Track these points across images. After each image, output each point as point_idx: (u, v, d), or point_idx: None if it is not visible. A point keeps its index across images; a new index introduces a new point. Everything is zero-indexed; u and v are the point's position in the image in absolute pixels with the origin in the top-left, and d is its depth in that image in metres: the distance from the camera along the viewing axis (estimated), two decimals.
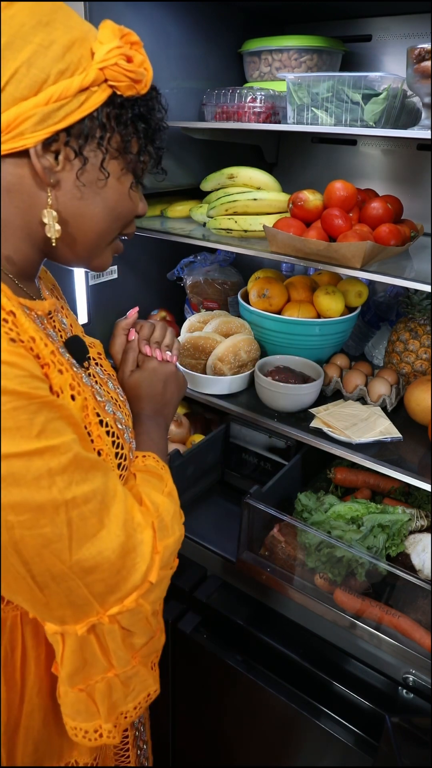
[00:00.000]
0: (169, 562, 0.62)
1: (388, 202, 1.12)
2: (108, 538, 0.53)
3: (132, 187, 0.64)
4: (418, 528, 1.13)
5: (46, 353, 0.57)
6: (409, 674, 1.00)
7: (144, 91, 0.60)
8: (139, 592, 0.56)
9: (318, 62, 1.30)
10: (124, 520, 0.55)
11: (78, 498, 0.51)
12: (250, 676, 1.12)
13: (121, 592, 0.55)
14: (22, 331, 0.54)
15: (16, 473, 0.47)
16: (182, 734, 1.34)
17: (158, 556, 0.58)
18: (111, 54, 0.55)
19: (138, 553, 0.56)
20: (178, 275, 1.58)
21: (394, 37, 1.37)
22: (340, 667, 1.09)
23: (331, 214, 1.06)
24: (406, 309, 1.26)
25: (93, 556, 0.52)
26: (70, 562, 0.51)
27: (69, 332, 0.71)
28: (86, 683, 0.58)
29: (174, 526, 0.63)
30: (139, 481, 0.67)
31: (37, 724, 0.66)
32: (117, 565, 0.54)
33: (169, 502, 0.65)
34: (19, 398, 0.47)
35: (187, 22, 1.29)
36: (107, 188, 0.61)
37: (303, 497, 1.18)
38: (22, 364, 0.49)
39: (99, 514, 0.53)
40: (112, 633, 0.56)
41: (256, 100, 1.18)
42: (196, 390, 1.27)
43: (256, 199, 1.22)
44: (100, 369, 0.75)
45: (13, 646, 0.63)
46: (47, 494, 0.49)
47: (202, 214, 1.32)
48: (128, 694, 0.61)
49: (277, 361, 1.26)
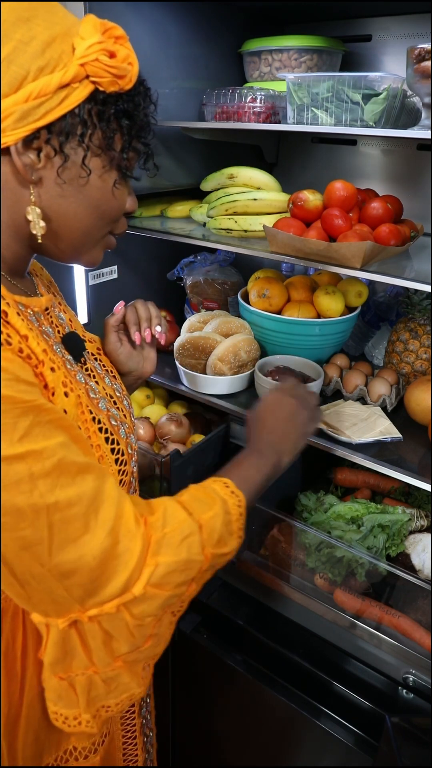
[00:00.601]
0: (168, 582, 0.57)
1: (388, 202, 1.12)
2: (91, 543, 0.52)
3: (117, 184, 0.62)
4: (418, 528, 1.13)
5: (38, 351, 0.57)
6: (409, 674, 1.00)
7: (128, 87, 0.58)
8: (121, 600, 0.55)
9: (318, 62, 1.30)
10: (111, 526, 0.54)
11: (61, 502, 0.50)
12: (250, 676, 1.12)
13: (99, 597, 0.54)
14: (13, 332, 0.55)
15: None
16: (182, 734, 1.34)
17: (148, 569, 0.56)
18: (92, 50, 0.54)
19: (120, 561, 0.54)
20: (178, 275, 1.58)
21: (394, 37, 1.37)
22: (340, 667, 1.09)
23: (331, 214, 1.06)
24: (406, 309, 1.26)
25: (73, 561, 0.51)
26: (49, 565, 0.51)
27: (67, 327, 0.71)
28: (67, 674, 0.59)
29: (178, 548, 0.58)
30: (185, 497, 0.64)
31: (37, 713, 0.67)
32: (96, 572, 0.53)
33: (188, 522, 0.60)
34: (3, 402, 0.48)
35: (187, 22, 1.29)
36: (89, 186, 0.60)
37: (303, 497, 1.18)
38: (9, 367, 0.50)
39: (85, 518, 0.52)
40: (93, 632, 0.56)
41: (256, 100, 1.18)
42: (196, 390, 1.27)
43: (256, 199, 1.22)
44: (99, 364, 0.75)
45: (15, 635, 0.63)
46: (27, 498, 0.48)
47: (202, 214, 1.32)
48: (109, 692, 0.61)
49: (277, 361, 1.26)
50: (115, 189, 0.62)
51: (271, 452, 0.77)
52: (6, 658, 0.63)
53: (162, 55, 1.26)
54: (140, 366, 0.90)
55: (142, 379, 0.92)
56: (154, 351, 0.92)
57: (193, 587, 0.62)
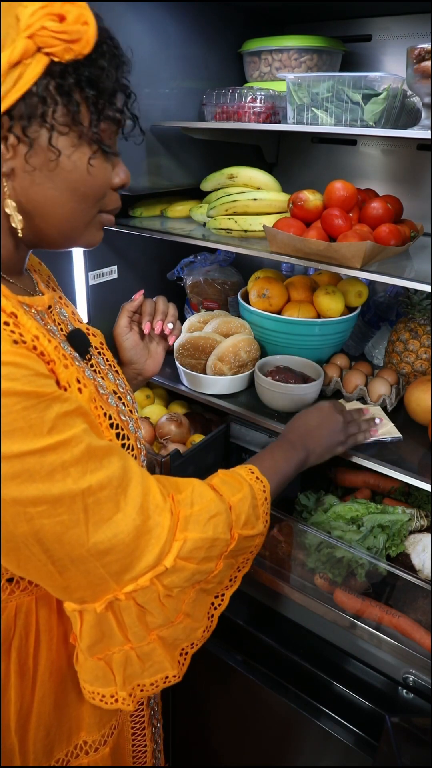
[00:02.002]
0: (194, 556, 0.61)
1: (388, 202, 1.12)
2: (123, 521, 0.55)
3: (91, 161, 0.56)
4: (418, 528, 1.13)
5: (50, 349, 0.57)
6: (409, 674, 1.00)
7: (86, 50, 0.51)
8: (154, 573, 0.58)
9: (318, 62, 1.30)
10: (140, 503, 0.56)
11: (93, 486, 0.52)
12: (250, 676, 1.12)
13: (135, 571, 0.57)
14: (25, 332, 0.54)
15: (30, 469, 0.48)
16: (182, 734, 1.34)
17: (177, 543, 0.59)
18: (35, 17, 0.47)
19: (153, 536, 0.57)
20: (178, 275, 1.58)
21: (394, 37, 1.37)
22: (340, 667, 1.09)
23: (331, 214, 1.06)
24: (406, 309, 1.26)
25: (109, 539, 0.54)
26: (87, 545, 0.53)
27: (70, 324, 0.71)
28: (104, 653, 0.61)
29: (205, 525, 0.62)
30: (216, 480, 0.69)
31: (48, 709, 0.67)
32: (131, 546, 0.56)
33: (216, 501, 0.64)
34: (28, 398, 0.48)
35: (187, 22, 1.29)
36: (61, 168, 0.55)
37: (303, 497, 1.18)
38: (27, 363, 0.50)
39: (115, 498, 0.54)
40: (128, 609, 0.59)
41: (256, 100, 1.18)
42: (196, 390, 1.27)
43: (256, 199, 1.22)
44: (102, 359, 0.75)
45: (27, 631, 0.64)
46: (62, 486, 0.50)
47: (202, 214, 1.32)
48: (145, 669, 0.63)
49: (277, 361, 1.26)
50: (91, 166, 0.57)
51: (302, 447, 0.83)
52: (19, 654, 0.64)
53: (162, 55, 1.26)
54: (142, 360, 0.91)
55: (143, 376, 0.92)
56: (161, 350, 0.93)
57: (221, 566, 0.65)
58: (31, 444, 0.48)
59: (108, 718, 0.74)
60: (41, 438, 0.49)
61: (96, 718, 0.72)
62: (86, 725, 0.72)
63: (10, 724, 0.65)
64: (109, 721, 0.74)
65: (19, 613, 0.63)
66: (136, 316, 0.91)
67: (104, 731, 0.74)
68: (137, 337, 0.90)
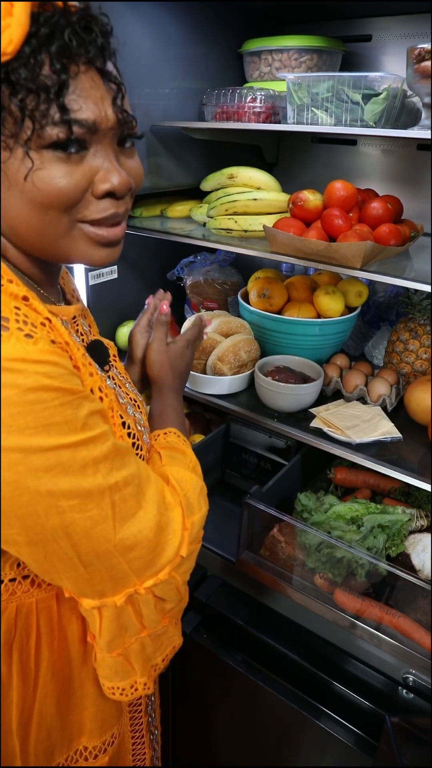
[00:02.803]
0: (198, 537, 0.65)
1: (388, 202, 1.12)
2: (146, 517, 0.57)
3: (35, 170, 0.50)
4: (418, 528, 1.13)
5: (78, 356, 0.59)
6: (409, 674, 1.00)
7: (10, 49, 0.46)
8: (172, 566, 0.60)
9: (318, 62, 1.30)
10: (157, 501, 0.59)
11: (119, 482, 0.54)
12: (250, 676, 1.12)
13: (156, 566, 0.59)
14: (58, 336, 0.56)
15: (65, 462, 0.50)
16: (182, 734, 1.34)
17: (187, 532, 0.62)
18: None
19: (170, 530, 0.60)
20: (178, 275, 1.58)
21: (394, 37, 1.37)
22: (340, 667, 1.09)
23: (331, 214, 1.06)
24: (406, 309, 1.26)
25: (134, 535, 0.56)
26: (114, 541, 0.55)
27: (89, 335, 0.72)
28: (123, 647, 0.62)
29: (200, 503, 0.67)
30: (165, 459, 0.71)
31: (50, 710, 0.67)
32: (153, 542, 0.58)
33: (194, 479, 0.69)
34: (64, 394, 0.50)
35: (187, 22, 1.29)
36: (10, 181, 0.51)
37: (303, 497, 1.18)
38: (63, 362, 0.51)
39: (137, 496, 0.57)
40: (147, 601, 0.60)
41: (256, 100, 1.18)
42: (196, 390, 1.27)
43: (256, 199, 1.22)
44: (117, 371, 0.76)
45: (28, 632, 0.64)
46: (93, 480, 0.52)
47: (202, 214, 1.32)
48: (157, 648, 0.65)
49: (277, 361, 1.26)
50: (35, 176, 0.50)
51: (180, 395, 0.89)
52: (20, 655, 0.64)
53: (162, 55, 1.26)
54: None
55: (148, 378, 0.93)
56: (187, 336, 0.95)
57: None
58: (66, 438, 0.49)
59: (110, 725, 0.74)
60: (75, 433, 0.50)
61: (98, 724, 0.72)
62: (88, 731, 0.71)
63: (11, 725, 0.65)
64: (111, 728, 0.74)
65: (19, 614, 0.63)
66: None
67: (105, 738, 0.73)
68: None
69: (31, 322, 0.51)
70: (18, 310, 0.51)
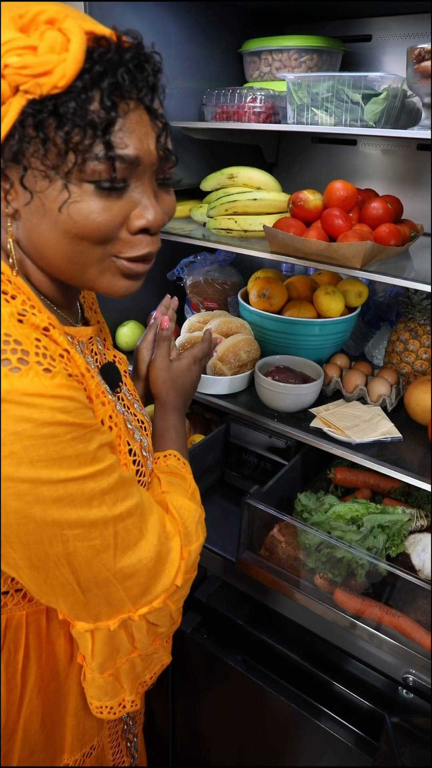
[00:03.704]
0: (193, 566, 0.66)
1: (388, 202, 1.12)
2: (146, 547, 0.58)
3: (72, 202, 0.51)
4: (418, 528, 1.13)
5: (92, 386, 0.60)
6: (409, 674, 1.00)
7: (62, 83, 0.46)
8: (166, 594, 0.61)
9: (318, 62, 1.30)
10: (159, 530, 0.60)
11: (123, 513, 0.55)
12: (250, 676, 1.12)
13: (152, 594, 0.60)
14: (74, 367, 0.57)
15: (72, 494, 0.51)
16: (182, 734, 1.34)
17: (183, 561, 0.63)
18: (6, 56, 0.44)
19: (169, 560, 0.61)
20: (178, 275, 1.58)
21: (394, 37, 1.37)
22: (340, 667, 1.09)
23: (331, 214, 1.06)
24: (406, 309, 1.26)
25: (134, 564, 0.57)
26: (114, 570, 0.55)
27: (104, 354, 0.72)
28: (114, 668, 0.63)
29: (198, 532, 0.67)
30: (164, 485, 0.71)
31: (35, 727, 0.67)
32: (152, 571, 0.59)
33: (193, 507, 0.69)
34: (77, 429, 0.50)
35: (187, 22, 1.29)
36: (47, 210, 0.51)
37: (303, 497, 1.18)
38: (78, 397, 0.52)
39: (139, 525, 0.57)
40: (140, 627, 0.61)
41: (256, 100, 1.18)
42: (196, 390, 1.26)
43: (256, 199, 1.22)
44: (127, 390, 0.76)
45: (17, 646, 0.64)
46: (98, 512, 0.53)
47: (202, 214, 1.31)
48: (147, 667, 0.66)
49: (277, 361, 1.26)
50: (72, 208, 0.51)
51: (183, 414, 0.87)
52: (7, 668, 0.64)
53: (162, 55, 1.26)
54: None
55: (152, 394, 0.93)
56: (192, 354, 0.94)
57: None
58: (76, 472, 0.50)
59: (90, 737, 0.74)
60: (85, 467, 0.51)
61: (78, 737, 0.72)
62: (68, 745, 0.72)
63: None
64: (91, 740, 0.74)
65: (9, 627, 0.63)
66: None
67: (85, 750, 0.74)
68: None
69: (50, 354, 0.51)
70: (38, 342, 0.51)
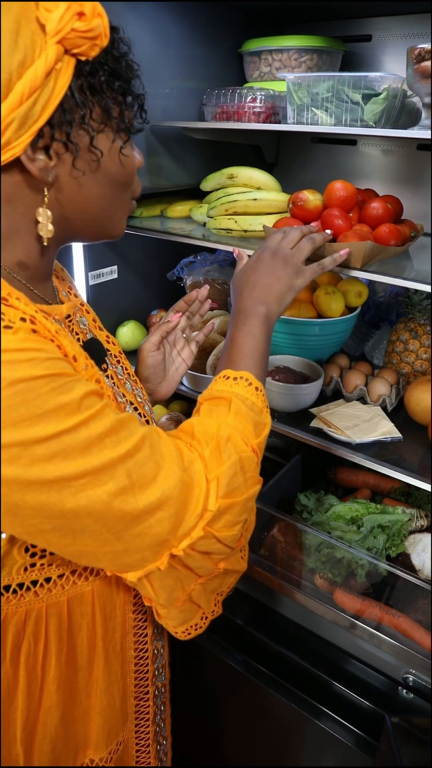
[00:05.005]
0: (235, 488, 0.61)
1: (388, 202, 1.12)
2: (168, 477, 0.55)
3: (123, 151, 0.59)
4: (418, 528, 1.13)
5: (70, 348, 0.57)
6: (409, 674, 1.00)
7: (106, 43, 0.52)
8: (203, 522, 0.58)
9: (318, 62, 1.30)
10: (176, 457, 0.57)
11: (131, 449, 0.53)
12: (250, 677, 1.12)
13: (187, 524, 0.57)
14: (43, 329, 0.55)
15: (67, 447, 0.49)
16: (182, 734, 1.34)
17: (211, 484, 0.59)
18: (63, 21, 0.47)
19: (195, 485, 0.58)
20: (178, 275, 1.58)
21: (394, 37, 1.37)
22: (340, 667, 1.09)
23: (331, 214, 1.05)
24: (406, 309, 1.26)
25: (158, 497, 0.54)
26: (139, 507, 0.53)
27: (89, 332, 0.71)
28: (185, 595, 0.62)
29: (225, 453, 0.61)
30: (203, 412, 0.67)
31: (55, 721, 0.66)
32: (180, 500, 0.56)
33: (221, 427, 0.63)
34: (53, 380, 0.49)
35: (187, 22, 1.29)
36: (103, 165, 0.57)
37: (303, 497, 1.18)
38: (48, 348, 0.51)
39: (153, 457, 0.55)
40: (191, 557, 0.59)
41: (256, 100, 1.18)
42: (196, 390, 1.26)
43: (256, 199, 1.22)
44: (121, 368, 0.75)
45: (37, 638, 0.63)
46: (101, 456, 0.51)
47: (202, 214, 1.32)
48: (221, 584, 0.66)
49: (277, 361, 1.26)
50: (123, 156, 0.59)
51: (257, 307, 0.75)
52: (27, 661, 0.63)
53: (162, 55, 1.26)
54: (157, 381, 0.92)
55: (153, 398, 0.93)
56: (178, 376, 0.95)
57: (260, 480, 0.66)
58: (64, 423, 0.49)
59: (116, 733, 0.72)
60: (73, 416, 0.49)
61: (104, 734, 0.70)
62: (94, 742, 0.70)
63: (16, 733, 0.64)
64: (117, 736, 0.73)
65: (28, 619, 0.62)
66: (169, 337, 0.94)
67: (111, 747, 0.72)
68: (161, 358, 0.92)
69: (9, 318, 0.50)
70: None
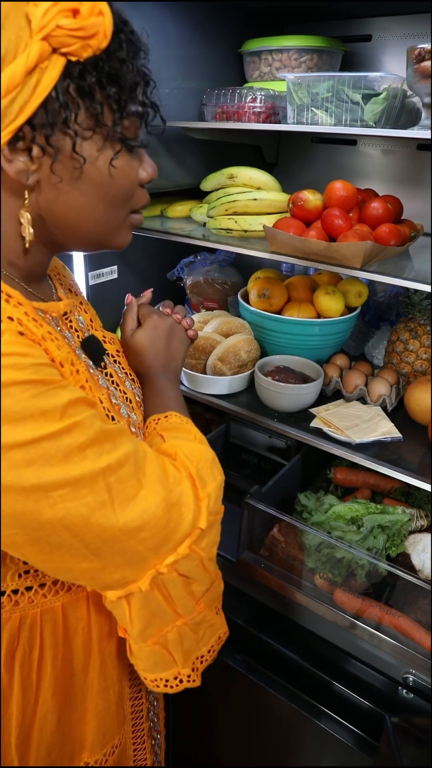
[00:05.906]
0: (216, 508, 0.62)
1: (388, 202, 1.12)
2: (150, 496, 0.54)
3: (113, 162, 0.54)
4: (418, 528, 1.13)
5: (57, 353, 0.56)
6: (409, 674, 1.00)
7: (104, 44, 0.48)
8: (191, 540, 0.58)
9: (318, 62, 1.30)
10: (160, 477, 0.56)
11: (113, 464, 0.52)
12: (250, 676, 1.12)
13: (172, 542, 0.57)
14: (28, 331, 0.53)
15: (46, 454, 0.48)
16: (182, 734, 1.34)
17: (203, 502, 0.60)
18: (48, 16, 0.44)
19: (182, 504, 0.57)
20: (178, 275, 1.58)
21: (394, 37, 1.37)
22: (340, 667, 1.09)
23: (331, 214, 1.06)
24: (406, 309, 1.26)
25: (139, 516, 0.53)
26: (118, 525, 0.52)
27: (87, 331, 0.70)
28: (158, 634, 0.61)
29: (213, 473, 0.63)
30: (168, 439, 0.67)
31: (51, 727, 0.66)
32: (164, 520, 0.55)
33: (203, 449, 0.65)
34: (36, 386, 0.48)
35: (187, 22, 1.29)
36: (87, 174, 0.53)
37: (303, 497, 1.18)
38: (33, 353, 0.50)
39: (135, 475, 0.54)
40: (173, 581, 0.58)
41: (256, 100, 1.18)
42: (196, 390, 1.26)
43: (256, 199, 1.22)
44: (119, 367, 0.74)
45: (32, 644, 0.63)
46: (81, 467, 0.49)
47: (202, 214, 1.32)
48: (200, 639, 0.64)
49: (277, 361, 1.26)
50: (114, 168, 0.54)
51: (171, 375, 0.80)
52: (22, 667, 0.62)
53: (162, 55, 1.26)
54: None
55: None
56: (155, 318, 0.89)
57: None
58: (44, 429, 0.47)
59: (111, 736, 0.72)
60: (54, 422, 0.48)
61: (99, 737, 0.70)
62: (89, 745, 0.70)
63: (10, 740, 0.63)
64: (112, 739, 0.72)
65: (23, 625, 0.61)
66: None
67: (106, 750, 0.72)
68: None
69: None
70: None
